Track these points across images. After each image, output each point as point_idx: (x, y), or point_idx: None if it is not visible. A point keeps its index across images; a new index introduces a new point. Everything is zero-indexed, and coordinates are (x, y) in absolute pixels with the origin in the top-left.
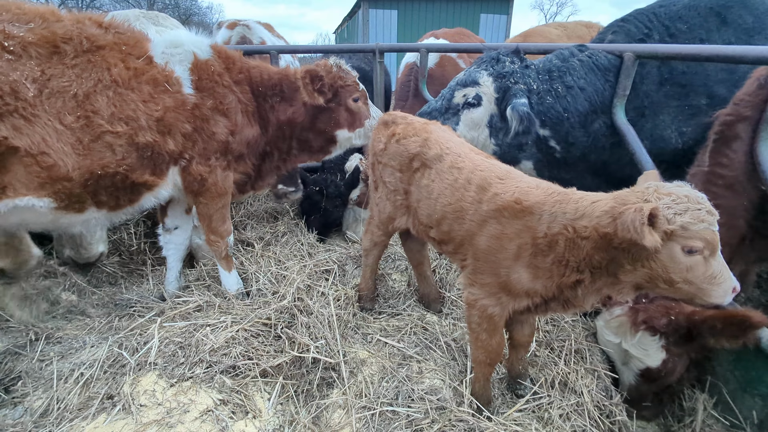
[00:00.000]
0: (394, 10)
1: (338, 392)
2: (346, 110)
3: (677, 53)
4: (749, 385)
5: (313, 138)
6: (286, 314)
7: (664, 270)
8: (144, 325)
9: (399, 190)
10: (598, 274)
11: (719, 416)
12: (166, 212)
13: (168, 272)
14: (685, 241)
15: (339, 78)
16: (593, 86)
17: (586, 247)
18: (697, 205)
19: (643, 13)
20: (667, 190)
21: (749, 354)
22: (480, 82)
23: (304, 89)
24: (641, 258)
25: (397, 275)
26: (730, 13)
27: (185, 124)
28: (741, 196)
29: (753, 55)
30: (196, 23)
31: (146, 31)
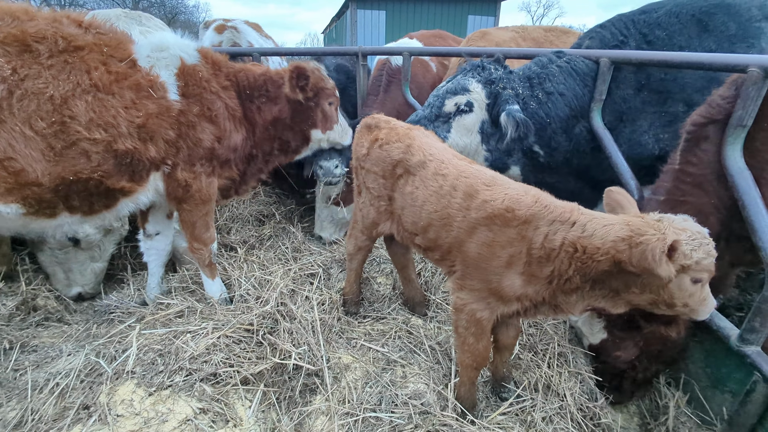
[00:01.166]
0: (382, 11)
1: (321, 398)
2: (321, 112)
3: (650, 59)
4: (719, 382)
5: (292, 137)
6: (268, 320)
7: (670, 297)
8: (123, 332)
9: (382, 196)
10: (600, 287)
11: (691, 413)
12: (146, 218)
13: (150, 278)
14: (696, 273)
15: (321, 80)
16: (572, 91)
17: (595, 268)
18: (706, 241)
19: (621, 20)
20: (680, 225)
21: (719, 352)
22: (470, 89)
23: (289, 83)
24: (651, 285)
25: (382, 278)
26: (713, 21)
27: (169, 130)
28: (710, 194)
29: (720, 62)
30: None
31: (130, 31)
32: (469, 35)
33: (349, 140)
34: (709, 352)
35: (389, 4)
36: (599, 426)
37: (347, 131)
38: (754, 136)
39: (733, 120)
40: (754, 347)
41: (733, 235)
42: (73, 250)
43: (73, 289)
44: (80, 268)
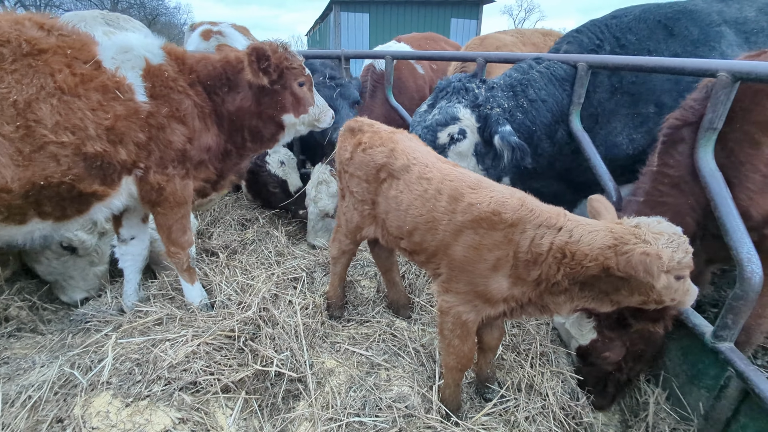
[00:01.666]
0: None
1: (304, 404)
2: (291, 94)
3: (625, 64)
4: (696, 378)
5: (263, 126)
6: (250, 325)
7: (659, 296)
8: (99, 341)
9: (366, 200)
10: (588, 288)
11: (670, 410)
12: (120, 222)
13: (126, 284)
14: (678, 271)
15: (285, 59)
16: (554, 97)
17: (584, 273)
18: (682, 239)
19: (596, 24)
20: (656, 229)
21: (695, 349)
22: (460, 117)
23: (249, 67)
24: (640, 288)
25: (366, 281)
26: (677, 26)
27: (139, 133)
28: (687, 195)
29: (691, 67)
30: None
31: (92, 32)
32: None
33: (328, 122)
34: (685, 349)
35: (373, 6)
36: (581, 425)
37: (326, 112)
38: (728, 136)
39: (704, 123)
40: (728, 344)
41: (708, 233)
42: (71, 258)
43: (79, 294)
44: (82, 274)
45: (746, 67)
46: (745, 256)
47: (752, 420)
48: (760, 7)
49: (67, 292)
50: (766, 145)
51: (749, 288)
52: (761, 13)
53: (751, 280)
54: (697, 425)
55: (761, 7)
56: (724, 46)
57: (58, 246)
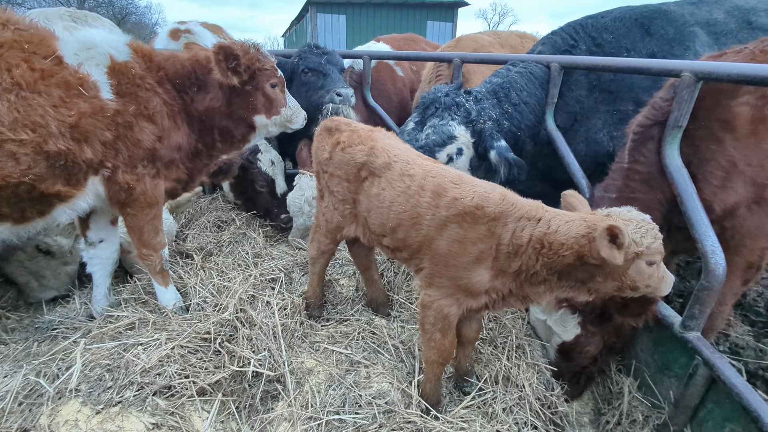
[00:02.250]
0: (342, 15)
1: (283, 404)
2: (263, 95)
3: (595, 64)
4: (666, 367)
5: (233, 126)
6: (227, 327)
7: (632, 281)
8: (67, 348)
9: (347, 199)
10: (566, 278)
11: (642, 398)
12: (87, 225)
13: (95, 289)
14: (649, 257)
15: (257, 60)
16: (535, 98)
17: (561, 261)
18: (651, 226)
19: (572, 25)
20: (626, 216)
21: (665, 339)
22: (457, 135)
23: (217, 66)
24: (613, 273)
25: (345, 280)
26: (653, 25)
27: (105, 131)
28: (656, 191)
29: (657, 67)
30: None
31: (53, 28)
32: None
33: (300, 123)
34: (656, 339)
35: (349, 8)
36: (556, 414)
37: (298, 114)
38: (693, 134)
39: (670, 121)
40: (695, 333)
41: (674, 226)
42: (45, 259)
43: (49, 293)
44: (53, 273)
45: (708, 68)
46: (710, 248)
47: (718, 405)
48: (727, 10)
49: (36, 292)
50: (728, 143)
51: (714, 279)
52: (729, 16)
53: (715, 271)
54: (667, 412)
55: (728, 10)
56: (698, 45)
57: (33, 249)
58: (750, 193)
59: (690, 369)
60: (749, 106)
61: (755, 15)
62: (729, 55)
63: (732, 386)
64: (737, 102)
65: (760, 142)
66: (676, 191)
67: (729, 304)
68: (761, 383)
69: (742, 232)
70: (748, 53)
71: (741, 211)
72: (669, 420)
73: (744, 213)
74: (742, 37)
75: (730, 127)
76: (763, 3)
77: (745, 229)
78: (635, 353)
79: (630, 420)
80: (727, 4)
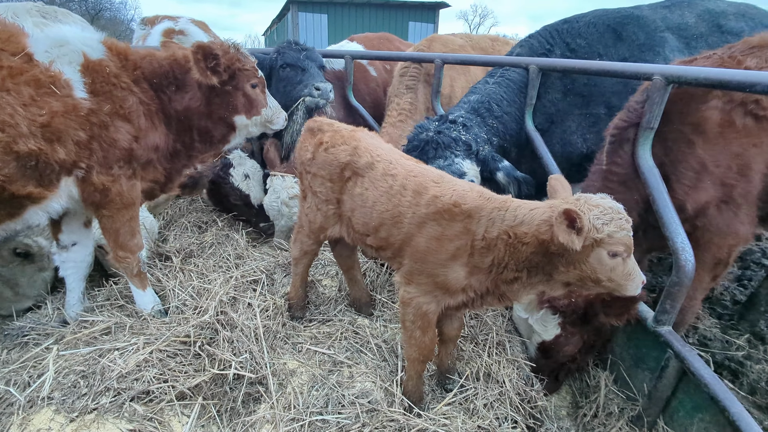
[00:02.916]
0: (324, 14)
1: (266, 406)
2: (243, 95)
3: (572, 67)
4: (640, 360)
5: (213, 126)
6: (207, 330)
7: (593, 271)
8: (39, 355)
9: (331, 199)
10: (534, 273)
11: (618, 391)
12: (60, 227)
13: (68, 294)
14: (611, 246)
15: (237, 60)
16: (515, 105)
17: (526, 251)
18: (619, 215)
19: (548, 30)
20: (594, 202)
21: (639, 333)
22: (466, 171)
23: (196, 66)
24: (574, 261)
25: (328, 281)
26: (625, 30)
27: (78, 131)
28: (633, 191)
29: (630, 70)
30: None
31: (21, 24)
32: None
33: (281, 123)
34: (630, 334)
35: (331, 7)
36: (536, 408)
37: (279, 114)
38: (666, 135)
39: (643, 123)
40: (667, 327)
41: (650, 225)
42: (20, 265)
43: (25, 303)
44: (29, 281)
45: (677, 72)
46: (680, 245)
47: (688, 396)
48: (698, 14)
49: (10, 302)
50: (698, 145)
51: (683, 275)
52: (700, 20)
53: (685, 267)
54: (642, 404)
55: (699, 14)
56: (668, 50)
57: (10, 253)
58: (719, 192)
59: (662, 362)
60: (718, 110)
61: (725, 19)
62: (699, 60)
63: (700, 377)
64: (707, 106)
65: (728, 144)
66: (648, 191)
67: (699, 299)
68: (728, 373)
69: (712, 230)
70: (716, 59)
71: (711, 210)
72: (643, 411)
73: (713, 212)
74: (712, 41)
75: (700, 130)
76: (732, 6)
77: (714, 227)
78: (611, 348)
79: (606, 413)
80: (698, 7)
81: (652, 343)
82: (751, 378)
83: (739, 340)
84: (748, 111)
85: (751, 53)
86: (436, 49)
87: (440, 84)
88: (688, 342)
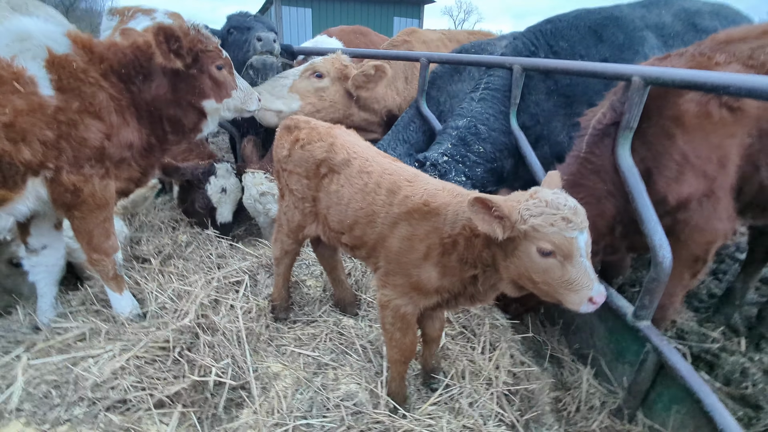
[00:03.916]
0: (308, 9)
1: (248, 412)
2: (210, 78)
3: (555, 67)
4: (620, 355)
5: (182, 114)
6: (187, 334)
7: (525, 269)
8: (8, 364)
9: (307, 197)
10: (489, 270)
11: (599, 385)
12: (28, 230)
13: (40, 299)
14: (538, 242)
15: (198, 42)
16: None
17: (478, 244)
18: (554, 210)
19: (532, 31)
20: (542, 195)
21: (619, 328)
22: None
23: (158, 48)
24: (508, 253)
25: (312, 281)
26: (605, 32)
27: (45, 130)
28: (606, 182)
29: (610, 71)
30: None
31: None
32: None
33: (255, 105)
34: (611, 329)
35: (315, 2)
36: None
37: (252, 96)
38: (647, 131)
39: (622, 123)
40: (646, 322)
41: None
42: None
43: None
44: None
45: (655, 73)
46: (658, 242)
47: (666, 388)
48: (675, 12)
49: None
50: (679, 137)
51: (661, 271)
52: (676, 19)
53: (663, 264)
54: (621, 397)
55: (676, 13)
56: (647, 49)
57: (6, 264)
58: (701, 185)
59: (641, 355)
60: (695, 102)
61: (700, 18)
62: (672, 58)
63: (677, 370)
64: (684, 99)
65: (708, 135)
66: (627, 189)
67: (679, 295)
68: (704, 365)
69: (691, 226)
70: (689, 56)
71: (693, 204)
72: (623, 404)
73: (695, 206)
74: (688, 38)
75: (679, 122)
76: (707, 6)
77: (693, 223)
78: (593, 343)
79: (588, 406)
80: (675, 6)
81: (632, 338)
82: (726, 369)
83: (714, 332)
84: (722, 103)
85: (719, 49)
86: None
87: (425, 83)
88: (666, 335)
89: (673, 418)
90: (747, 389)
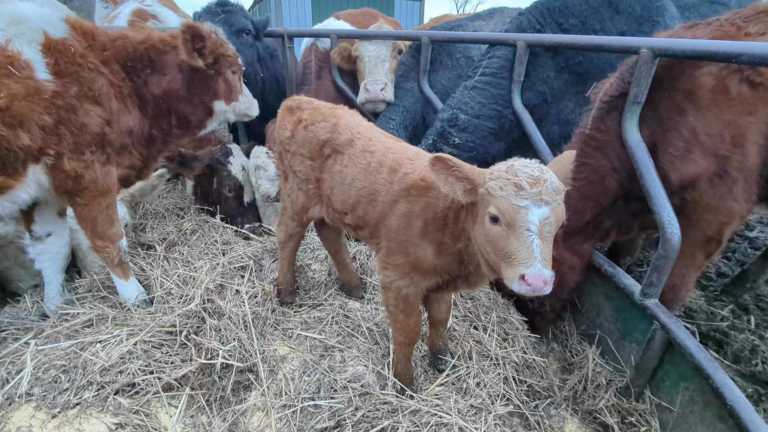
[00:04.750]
0: None
1: (256, 394)
2: (224, 81)
3: (559, 42)
4: (627, 333)
5: (191, 111)
6: (193, 319)
7: (481, 237)
8: (17, 350)
9: (311, 178)
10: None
11: (605, 364)
12: (32, 218)
13: (47, 287)
14: (488, 206)
15: (221, 45)
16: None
17: (461, 216)
18: (509, 176)
19: (538, 8)
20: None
21: (627, 307)
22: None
23: (184, 46)
24: (470, 216)
25: (317, 265)
26: (622, 3)
27: (44, 115)
28: (611, 159)
29: (618, 44)
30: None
31: None
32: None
33: (256, 112)
34: (618, 308)
35: None
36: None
37: (253, 103)
38: (657, 104)
39: (630, 97)
40: (653, 300)
41: (633, 194)
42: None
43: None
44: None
45: (664, 45)
46: (666, 218)
47: (674, 366)
48: None
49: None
50: (689, 112)
51: (670, 248)
52: None
53: (671, 240)
54: (629, 376)
55: None
56: (668, 19)
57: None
58: (711, 165)
59: (649, 334)
60: (712, 76)
61: None
62: (699, 27)
63: (685, 348)
64: (701, 72)
65: (721, 112)
66: (635, 165)
67: (692, 276)
68: (713, 343)
69: (703, 206)
70: (716, 25)
71: (702, 183)
72: (630, 383)
73: (705, 186)
74: (704, 10)
75: (692, 96)
76: None
77: (705, 203)
78: (600, 323)
79: (594, 385)
80: None
81: (639, 316)
82: (735, 347)
83: (723, 311)
84: (744, 77)
85: (756, 19)
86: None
87: (428, 63)
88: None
89: (681, 396)
90: (757, 366)
